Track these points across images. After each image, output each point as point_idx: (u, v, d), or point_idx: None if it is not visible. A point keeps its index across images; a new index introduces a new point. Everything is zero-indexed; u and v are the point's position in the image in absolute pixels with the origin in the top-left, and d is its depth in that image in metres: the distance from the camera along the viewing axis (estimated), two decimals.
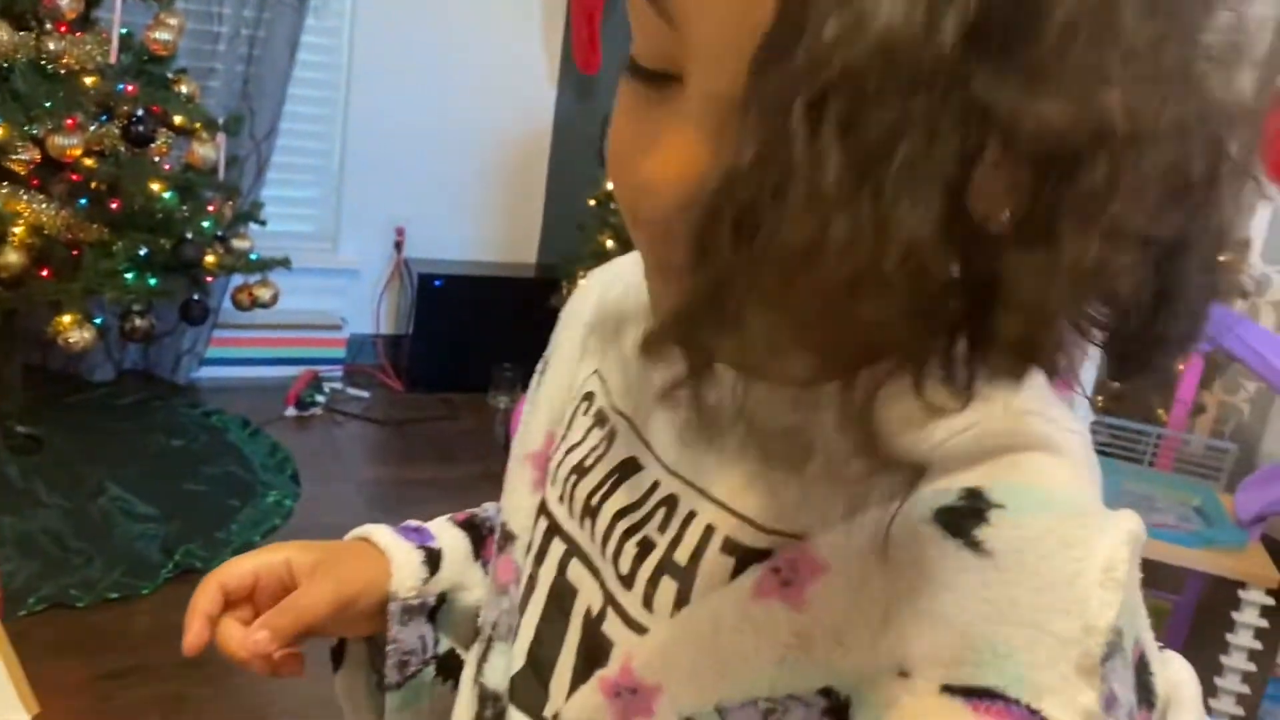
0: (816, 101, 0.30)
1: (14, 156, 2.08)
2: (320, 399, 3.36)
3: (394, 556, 0.64)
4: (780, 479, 0.45)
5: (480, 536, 0.70)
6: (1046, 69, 0.30)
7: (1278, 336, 2.47)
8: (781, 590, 0.42)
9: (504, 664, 0.58)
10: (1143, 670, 0.40)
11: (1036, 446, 0.41)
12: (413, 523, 0.69)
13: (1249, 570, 2.03)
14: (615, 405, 0.57)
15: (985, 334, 0.33)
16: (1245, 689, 2.07)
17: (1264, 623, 2.03)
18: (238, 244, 2.81)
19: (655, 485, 0.51)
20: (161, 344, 3.28)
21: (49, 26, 2.24)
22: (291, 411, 3.28)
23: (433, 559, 0.66)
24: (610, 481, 0.54)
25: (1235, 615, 2.04)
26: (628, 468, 0.53)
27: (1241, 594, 2.04)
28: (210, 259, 2.53)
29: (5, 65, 2.15)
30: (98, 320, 2.27)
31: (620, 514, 0.52)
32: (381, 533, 0.66)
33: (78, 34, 2.26)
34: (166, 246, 2.39)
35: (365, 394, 3.55)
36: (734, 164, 0.32)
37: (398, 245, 3.74)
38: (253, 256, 2.79)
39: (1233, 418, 3.27)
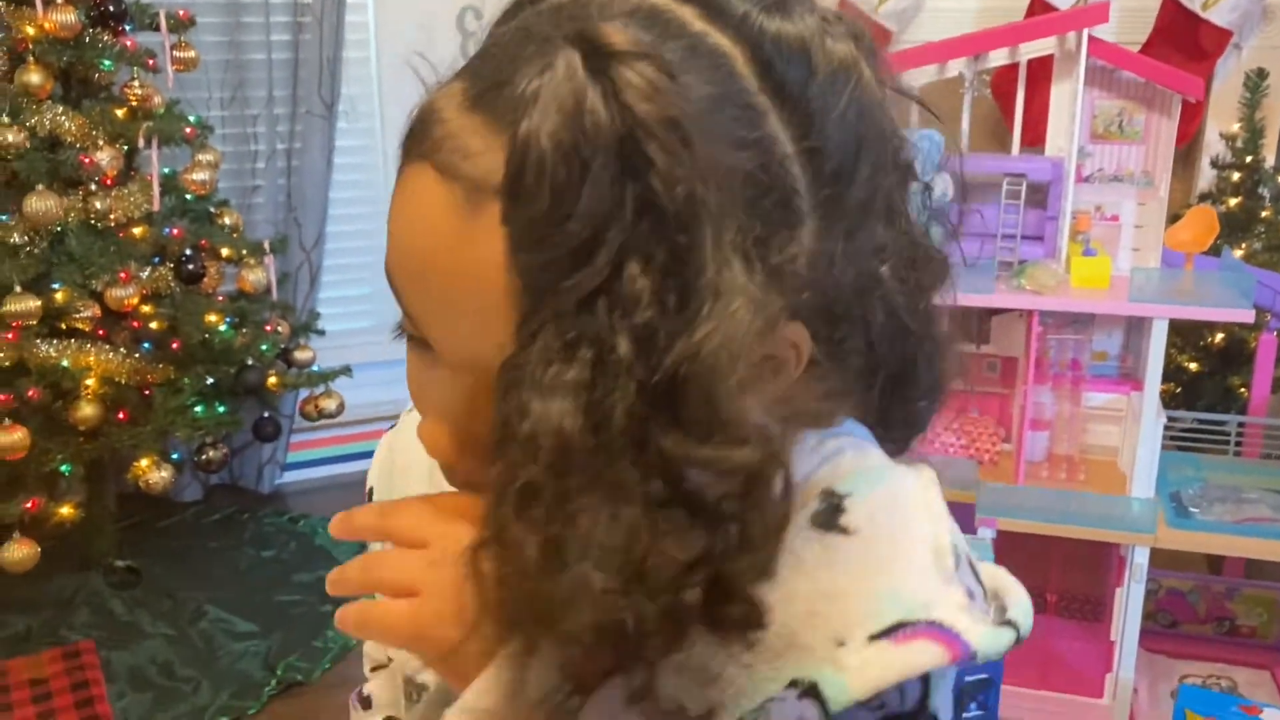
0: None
1: (77, 315, 2.19)
2: None
3: None
4: None
5: None
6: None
7: None
8: None
9: None
10: (972, 567, 0.53)
11: (848, 448, 0.55)
12: None
13: None
14: None
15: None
16: None
17: None
18: (300, 355, 2.89)
19: None
20: (244, 456, 3.38)
21: (94, 187, 2.35)
22: None
23: None
24: None
25: None
26: None
27: None
28: (273, 380, 2.62)
29: (59, 229, 2.26)
30: (175, 455, 2.36)
31: None
32: None
33: (121, 189, 2.37)
34: (231, 373, 2.47)
35: None
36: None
37: None
38: (315, 368, 2.86)
39: None
